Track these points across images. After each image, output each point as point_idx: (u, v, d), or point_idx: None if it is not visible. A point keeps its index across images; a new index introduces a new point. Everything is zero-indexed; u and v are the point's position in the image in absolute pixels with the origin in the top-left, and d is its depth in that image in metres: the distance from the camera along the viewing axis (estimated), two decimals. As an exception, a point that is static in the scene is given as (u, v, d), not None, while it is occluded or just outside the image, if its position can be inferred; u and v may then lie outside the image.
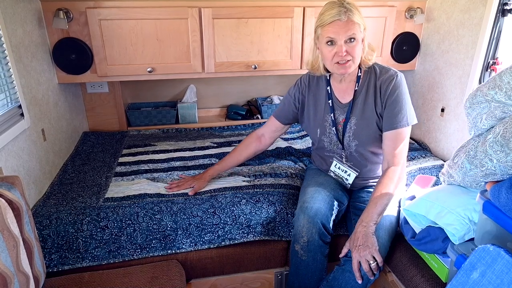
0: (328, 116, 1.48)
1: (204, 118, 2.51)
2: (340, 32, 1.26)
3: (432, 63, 2.06)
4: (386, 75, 1.38)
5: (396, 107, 1.35)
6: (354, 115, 1.43)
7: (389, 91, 1.36)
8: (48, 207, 1.48)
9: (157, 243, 1.42)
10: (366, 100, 1.41)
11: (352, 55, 1.30)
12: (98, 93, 2.22)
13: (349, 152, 1.49)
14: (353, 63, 1.33)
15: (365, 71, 1.42)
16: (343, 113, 1.46)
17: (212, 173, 1.65)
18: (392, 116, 1.36)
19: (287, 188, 1.64)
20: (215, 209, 1.49)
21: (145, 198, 1.54)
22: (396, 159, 1.37)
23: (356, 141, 1.45)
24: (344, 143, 1.48)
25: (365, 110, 1.41)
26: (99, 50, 1.82)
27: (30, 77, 1.56)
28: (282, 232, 1.50)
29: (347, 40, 1.28)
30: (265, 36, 1.94)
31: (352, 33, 1.27)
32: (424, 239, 1.26)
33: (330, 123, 1.48)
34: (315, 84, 1.51)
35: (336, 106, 1.47)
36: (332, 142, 1.51)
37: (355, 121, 1.43)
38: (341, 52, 1.28)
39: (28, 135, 1.50)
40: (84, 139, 2.14)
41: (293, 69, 2.04)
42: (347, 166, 1.51)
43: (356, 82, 1.42)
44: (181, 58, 1.91)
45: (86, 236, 1.38)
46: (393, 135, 1.37)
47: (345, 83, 1.44)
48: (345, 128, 1.45)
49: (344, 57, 1.29)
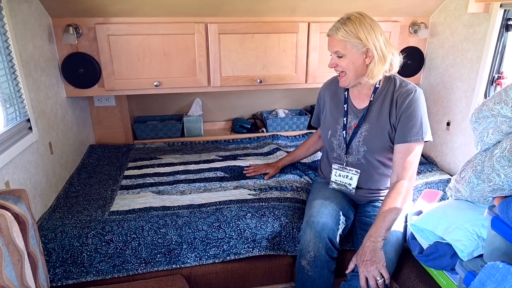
0: (341, 119, 1.50)
1: (210, 131, 2.52)
2: (328, 46, 1.39)
3: (437, 77, 2.07)
4: (404, 89, 1.40)
5: (410, 121, 1.36)
6: (367, 122, 1.45)
7: (405, 105, 1.37)
8: (53, 220, 1.48)
9: (162, 257, 1.41)
10: (382, 109, 1.42)
11: (342, 67, 1.38)
12: (105, 107, 2.24)
13: (356, 158, 1.49)
14: (347, 78, 1.39)
15: (384, 81, 1.44)
16: (356, 118, 1.47)
17: (284, 162, 1.88)
18: (406, 130, 1.37)
19: (292, 201, 1.63)
20: (220, 223, 1.48)
21: (150, 212, 1.54)
22: (405, 172, 1.36)
23: (365, 147, 1.45)
24: (352, 147, 1.48)
25: (379, 119, 1.42)
26: (107, 64, 1.85)
27: (39, 91, 1.59)
28: (287, 246, 1.48)
29: (335, 54, 1.36)
30: (271, 51, 1.96)
31: (335, 49, 1.35)
32: (432, 255, 1.24)
33: (342, 126, 1.50)
34: (335, 89, 1.57)
35: (350, 111, 1.49)
36: (340, 145, 1.52)
37: (367, 128, 1.45)
38: (330, 64, 1.39)
39: (35, 148, 1.51)
40: (91, 152, 2.16)
41: (298, 83, 2.06)
42: (347, 170, 1.50)
43: (373, 93, 1.43)
44: (187, 72, 1.93)
45: (91, 250, 1.38)
46: (404, 148, 1.37)
47: (363, 90, 1.47)
48: (356, 133, 1.47)
49: (335, 68, 1.40)
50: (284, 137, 2.39)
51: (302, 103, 2.64)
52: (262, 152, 2.18)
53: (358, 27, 1.30)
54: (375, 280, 1.19)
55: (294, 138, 2.40)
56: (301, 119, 2.48)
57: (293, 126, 2.50)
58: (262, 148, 2.25)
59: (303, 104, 2.64)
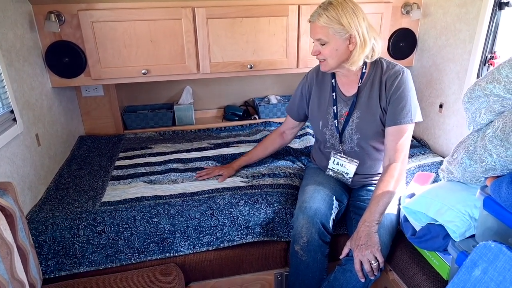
0: (331, 108, 1.47)
1: (201, 119, 2.49)
2: (310, 33, 1.34)
3: (430, 59, 2.04)
4: (392, 70, 1.37)
5: (400, 103, 1.34)
6: (358, 109, 1.43)
7: (394, 87, 1.35)
8: (43, 213, 1.46)
9: (155, 246, 1.40)
10: (371, 94, 1.40)
11: (324, 55, 1.34)
12: (93, 97, 2.20)
13: (350, 147, 1.48)
14: (327, 63, 1.36)
15: (371, 65, 1.41)
16: (346, 106, 1.45)
17: (239, 163, 1.74)
18: (396, 112, 1.35)
19: (285, 188, 1.62)
20: (213, 211, 1.47)
21: (142, 201, 1.52)
22: (397, 155, 1.35)
23: (358, 134, 1.44)
24: (345, 136, 1.46)
25: (369, 104, 1.40)
26: (93, 53, 1.80)
27: (22, 82, 1.54)
28: (281, 232, 1.48)
29: (318, 41, 1.32)
30: (261, 35, 1.92)
31: (318, 37, 1.31)
32: (424, 237, 1.24)
33: (332, 115, 1.47)
34: (321, 77, 1.53)
35: (339, 99, 1.46)
36: (333, 135, 1.50)
37: (358, 115, 1.43)
38: (313, 51, 1.35)
39: (21, 140, 1.48)
40: (80, 143, 2.12)
41: (289, 68, 2.02)
42: (345, 160, 1.49)
43: (360, 78, 1.41)
44: (175, 59, 1.89)
45: (82, 241, 1.36)
46: (395, 131, 1.36)
47: (350, 77, 1.44)
48: (347, 121, 1.45)
49: (316, 56, 1.36)
50: (276, 124, 2.37)
51: (293, 88, 2.58)
52: (254, 139, 2.16)
53: (340, 12, 1.25)
54: (369, 264, 1.20)
55: (287, 124, 2.37)
56: (293, 104, 2.45)
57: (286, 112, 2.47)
58: (254, 135, 2.22)
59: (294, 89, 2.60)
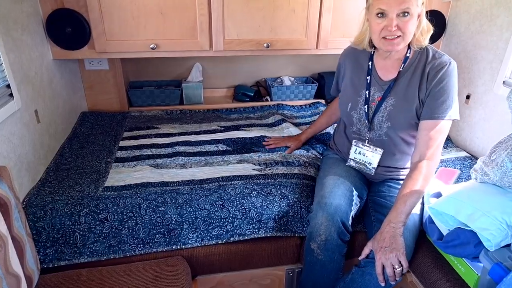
0: (363, 92, 1.36)
1: (210, 98, 2.36)
2: (393, 4, 1.14)
3: (459, 45, 1.89)
4: (438, 61, 1.25)
5: (441, 97, 1.22)
6: (393, 95, 1.31)
7: (437, 79, 1.23)
8: (42, 196, 1.37)
9: (161, 237, 1.32)
10: (411, 82, 1.28)
11: (403, 31, 1.18)
12: (97, 70, 2.06)
13: (378, 134, 1.36)
14: (402, 40, 1.21)
15: (415, 52, 1.28)
16: (380, 90, 1.33)
17: (306, 135, 1.75)
18: (435, 105, 1.24)
19: (300, 178, 1.52)
20: (223, 202, 1.38)
21: (148, 188, 1.43)
22: (429, 152, 1.24)
23: (389, 123, 1.32)
24: (374, 123, 1.35)
25: (407, 92, 1.28)
26: (97, 23, 1.66)
27: (20, 52, 1.41)
28: (295, 227, 1.39)
29: (400, 13, 1.15)
30: (279, 12, 1.77)
31: (406, 6, 1.14)
32: (452, 242, 1.15)
33: (364, 99, 1.36)
34: (356, 57, 1.41)
35: (374, 82, 1.35)
36: (361, 120, 1.38)
37: (393, 102, 1.31)
38: (391, 26, 1.16)
39: (19, 117, 1.36)
40: (83, 119, 2.01)
41: (308, 49, 1.88)
42: (368, 149, 1.38)
43: (403, 62, 1.28)
44: (187, 34, 1.74)
45: (84, 229, 1.28)
46: (431, 125, 1.24)
47: (391, 61, 1.32)
48: (379, 107, 1.33)
49: (394, 32, 1.17)
50: (289, 107, 2.25)
51: (309, 70, 2.46)
52: (266, 123, 2.04)
53: None
54: (393, 268, 1.11)
55: (300, 108, 2.25)
56: (307, 87, 2.32)
57: (299, 95, 2.34)
58: (266, 118, 2.10)
59: (310, 71, 2.47)
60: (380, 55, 1.34)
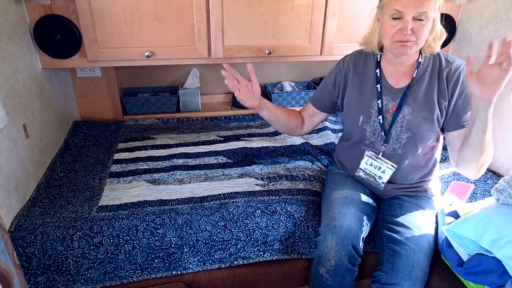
0: (375, 102, 1.27)
1: (208, 105, 2.27)
2: (411, 5, 1.06)
3: (470, 51, 1.82)
4: (453, 65, 1.19)
5: (469, 103, 1.14)
6: (409, 103, 1.23)
7: (459, 83, 1.17)
8: (32, 218, 1.28)
9: (160, 262, 1.23)
10: (429, 89, 1.21)
11: (417, 35, 1.10)
12: (90, 78, 1.96)
13: (393, 148, 1.28)
14: (415, 45, 1.13)
15: (426, 57, 1.21)
16: (394, 99, 1.25)
17: (265, 102, 1.40)
18: (464, 112, 1.18)
19: (305, 194, 1.45)
20: (226, 222, 1.30)
21: (145, 207, 1.34)
22: None
23: (409, 133, 1.24)
24: (391, 134, 1.27)
25: (425, 99, 1.21)
26: (89, 30, 1.56)
27: (6, 64, 1.31)
28: (302, 248, 1.31)
29: (416, 17, 1.07)
30: (282, 17, 1.68)
31: (423, 10, 1.06)
32: (473, 269, 1.08)
33: (376, 110, 1.27)
34: (362, 65, 1.31)
35: (385, 91, 1.26)
36: (375, 132, 1.30)
37: (410, 110, 1.23)
38: (406, 29, 1.08)
39: (5, 134, 1.27)
40: (75, 129, 1.91)
41: (312, 55, 1.79)
42: (382, 161, 1.30)
43: (416, 68, 1.21)
44: (184, 41, 1.65)
45: (77, 254, 1.19)
46: (463, 134, 1.17)
47: (402, 67, 1.23)
48: (396, 116, 1.25)
49: (408, 36, 1.09)
50: (291, 114, 2.16)
51: (309, 75, 2.38)
52: (267, 132, 1.96)
53: None
54: None
55: (303, 115, 2.17)
56: (309, 93, 2.24)
57: (301, 101, 2.26)
58: (267, 127, 2.02)
59: (310, 76, 2.38)
60: (388, 61, 1.26)
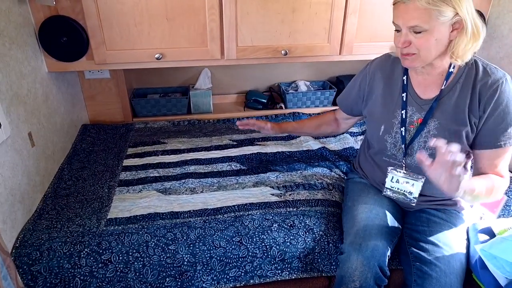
0: (399, 112, 1.18)
1: (219, 106, 2.19)
2: (400, 20, 1.01)
3: (502, 49, 1.69)
4: (491, 78, 1.06)
5: (503, 121, 1.05)
6: (436, 117, 1.13)
7: (494, 99, 1.05)
8: (38, 232, 1.22)
9: (172, 281, 1.16)
10: (458, 102, 1.09)
11: (418, 48, 1.02)
12: (98, 79, 1.89)
13: (416, 160, 1.19)
14: (418, 58, 1.04)
15: (461, 67, 1.09)
16: (420, 111, 1.15)
17: (286, 127, 1.49)
18: (498, 131, 1.06)
19: (324, 205, 1.36)
20: (241, 237, 1.22)
21: (155, 220, 1.28)
22: (499, 173, 1.11)
23: (432, 150, 1.14)
24: (413, 148, 1.18)
25: (455, 114, 1.10)
26: (96, 31, 1.48)
27: (9, 70, 1.24)
28: (322, 265, 1.23)
29: (413, 30, 0.99)
30: (299, 15, 1.57)
31: (413, 24, 0.98)
32: (513, 295, 0.99)
33: (400, 120, 1.18)
34: (389, 71, 1.22)
35: (411, 101, 1.16)
36: (396, 144, 1.21)
37: (436, 125, 1.13)
38: (400, 42, 1.03)
39: (9, 144, 1.20)
40: (83, 133, 1.85)
41: (330, 55, 1.69)
42: (408, 176, 1.21)
43: (445, 79, 1.10)
44: (196, 41, 1.56)
45: (85, 273, 1.13)
46: (495, 154, 1.09)
47: (430, 76, 1.13)
48: (420, 130, 1.15)
49: (406, 48, 1.03)
50: (306, 116, 2.06)
51: (325, 73, 2.27)
52: (282, 136, 1.87)
53: None
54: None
55: (319, 117, 2.07)
56: (325, 93, 2.13)
57: (316, 101, 2.16)
58: (282, 130, 1.93)
59: (327, 75, 2.27)
60: (415, 69, 1.15)
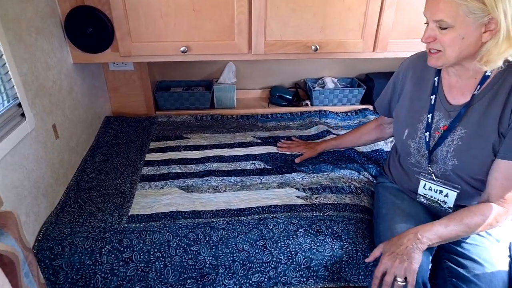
0: (425, 116, 1.10)
1: (243, 101, 2.13)
2: (427, 11, 0.95)
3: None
4: None
5: None
6: (463, 126, 1.04)
7: None
8: (61, 226, 1.21)
9: (193, 283, 1.13)
10: (489, 110, 1.00)
11: (442, 45, 0.94)
12: (122, 71, 1.87)
13: (443, 169, 1.11)
14: (443, 56, 0.96)
15: (500, 70, 0.99)
16: (447, 117, 1.07)
17: (325, 146, 1.58)
18: None
19: (353, 210, 1.29)
20: (265, 241, 1.17)
21: (177, 219, 1.24)
22: (502, 198, 1.00)
23: (455, 161, 1.06)
24: (436, 155, 1.10)
25: (483, 123, 1.01)
26: (121, 22, 1.45)
27: (35, 61, 1.22)
28: (349, 275, 1.17)
29: (438, 24, 0.92)
30: (332, 8, 1.49)
31: (439, 18, 0.91)
32: None
33: (425, 125, 1.10)
34: (421, 70, 1.13)
35: (439, 106, 1.08)
36: (420, 151, 1.13)
37: (462, 134, 1.04)
38: (424, 36, 0.97)
39: (33, 137, 1.19)
40: (106, 126, 1.84)
41: (364, 52, 1.60)
42: (440, 184, 1.13)
43: (479, 84, 1.00)
44: (223, 34, 1.51)
45: (106, 270, 1.11)
46: (507, 167, 0.98)
47: (463, 80, 1.03)
48: (444, 139, 1.07)
49: (429, 44, 0.97)
50: (333, 114, 1.99)
51: (355, 70, 2.18)
52: (308, 134, 1.80)
53: None
54: (393, 278, 0.95)
55: (346, 117, 1.99)
56: (354, 91, 2.05)
57: (344, 99, 2.07)
58: (308, 128, 1.86)
59: (356, 71, 2.18)
60: (446, 69, 1.06)
